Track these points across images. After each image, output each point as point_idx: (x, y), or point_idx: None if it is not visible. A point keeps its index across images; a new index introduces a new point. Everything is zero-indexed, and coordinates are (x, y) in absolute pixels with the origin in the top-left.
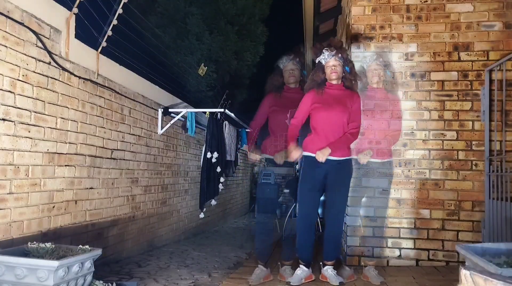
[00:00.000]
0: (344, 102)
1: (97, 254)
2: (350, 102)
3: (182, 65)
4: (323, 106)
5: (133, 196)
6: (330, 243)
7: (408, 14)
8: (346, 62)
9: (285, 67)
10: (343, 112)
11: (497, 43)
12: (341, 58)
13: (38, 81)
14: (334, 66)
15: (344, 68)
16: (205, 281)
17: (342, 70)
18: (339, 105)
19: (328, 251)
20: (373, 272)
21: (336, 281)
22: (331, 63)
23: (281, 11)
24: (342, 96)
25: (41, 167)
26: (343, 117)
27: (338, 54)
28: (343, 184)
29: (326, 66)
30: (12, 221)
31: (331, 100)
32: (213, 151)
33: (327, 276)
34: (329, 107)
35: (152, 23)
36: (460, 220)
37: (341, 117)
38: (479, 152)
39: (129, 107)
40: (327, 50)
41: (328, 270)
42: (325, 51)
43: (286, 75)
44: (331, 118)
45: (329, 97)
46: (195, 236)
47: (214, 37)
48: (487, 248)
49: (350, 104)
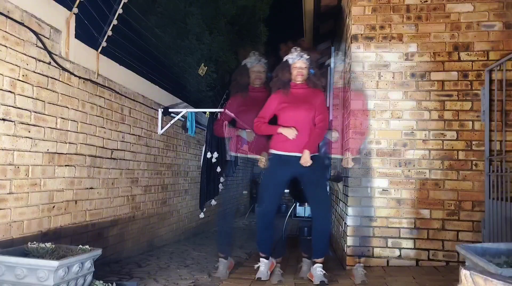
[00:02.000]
0: (309, 100)
1: (97, 254)
2: (314, 98)
3: (182, 65)
4: (290, 105)
5: (133, 196)
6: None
7: (408, 14)
8: (312, 65)
9: (252, 68)
10: (309, 110)
11: (497, 43)
12: (309, 60)
13: (38, 81)
14: (301, 68)
15: (309, 70)
16: (205, 281)
17: (307, 72)
18: (305, 104)
19: (317, 249)
20: (360, 271)
21: (317, 280)
22: (298, 65)
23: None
24: (306, 94)
25: (41, 167)
26: (309, 114)
27: (306, 56)
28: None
29: (293, 67)
30: (12, 221)
31: (297, 100)
32: (213, 151)
33: (314, 275)
34: (295, 107)
35: (152, 23)
36: (460, 220)
37: (308, 115)
38: (479, 152)
39: (129, 107)
40: (295, 50)
41: (317, 269)
42: (293, 51)
43: (252, 76)
44: (297, 117)
45: (295, 97)
46: (195, 236)
47: (214, 37)
48: (487, 248)
49: (314, 101)
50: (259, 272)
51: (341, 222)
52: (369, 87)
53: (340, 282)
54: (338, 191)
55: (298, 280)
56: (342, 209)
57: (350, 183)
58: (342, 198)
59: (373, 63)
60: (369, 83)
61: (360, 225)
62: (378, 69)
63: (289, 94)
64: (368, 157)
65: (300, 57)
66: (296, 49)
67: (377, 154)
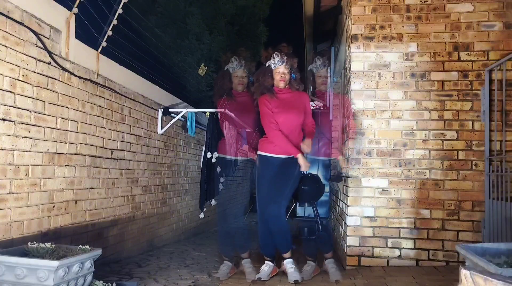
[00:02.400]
0: (297, 104)
1: (97, 254)
2: (302, 102)
3: (182, 65)
4: (280, 111)
5: (133, 196)
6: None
7: (408, 14)
8: (294, 70)
9: (235, 73)
10: (298, 114)
11: (497, 43)
12: (291, 66)
13: (38, 81)
14: (283, 74)
15: (291, 75)
16: (205, 281)
17: (289, 77)
18: (294, 108)
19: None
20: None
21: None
22: (281, 70)
23: (281, 11)
24: (293, 98)
25: (41, 167)
26: (299, 118)
27: (288, 62)
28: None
29: (275, 72)
30: (12, 221)
31: (286, 105)
32: (213, 151)
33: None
34: (285, 112)
35: (152, 23)
36: (460, 220)
37: (297, 119)
38: (479, 152)
39: (129, 107)
40: (277, 55)
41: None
42: (275, 56)
43: (235, 81)
44: (288, 121)
45: (282, 102)
46: (195, 236)
47: (214, 37)
48: (487, 248)
49: (303, 105)
50: (261, 272)
51: (341, 222)
52: (369, 87)
53: (340, 282)
54: (338, 191)
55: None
56: (342, 209)
57: (350, 183)
58: (342, 198)
59: (373, 63)
60: (369, 83)
61: (360, 225)
62: (378, 69)
63: (277, 99)
64: (368, 157)
65: (282, 62)
66: (278, 54)
67: (377, 154)
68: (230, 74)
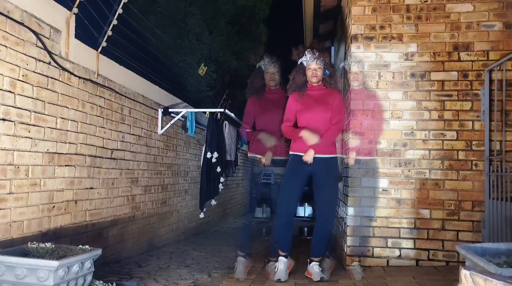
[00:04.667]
0: (326, 101)
1: (97, 254)
2: (331, 99)
3: (182, 65)
4: (306, 108)
5: (133, 196)
6: (319, 241)
7: (408, 14)
8: (327, 66)
9: (267, 70)
10: (325, 111)
11: (497, 43)
12: (323, 61)
13: (38, 81)
14: (315, 70)
15: (325, 71)
16: (205, 281)
17: (322, 73)
18: (321, 105)
19: (316, 249)
20: (316, 268)
21: (317, 277)
22: (313, 66)
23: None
24: (322, 95)
25: (41, 167)
26: (326, 115)
27: (320, 57)
28: (331, 182)
29: (307, 68)
30: (12, 221)
31: (313, 101)
32: (213, 151)
33: (312, 273)
34: (311, 109)
35: (152, 23)
36: (460, 220)
37: (324, 115)
38: (479, 152)
39: (129, 107)
40: (309, 52)
41: (314, 266)
42: (307, 53)
43: (267, 78)
44: (314, 118)
45: (311, 99)
46: (195, 236)
47: (214, 37)
48: (487, 248)
49: (331, 101)
50: (278, 272)
51: (341, 222)
52: (369, 87)
53: (340, 282)
54: (338, 191)
55: (298, 280)
56: (342, 209)
57: (350, 183)
58: (342, 198)
59: (373, 63)
60: (369, 83)
61: (360, 225)
62: (378, 69)
63: (305, 96)
64: (368, 157)
65: (313, 58)
66: (309, 51)
67: (377, 154)
68: (262, 71)
